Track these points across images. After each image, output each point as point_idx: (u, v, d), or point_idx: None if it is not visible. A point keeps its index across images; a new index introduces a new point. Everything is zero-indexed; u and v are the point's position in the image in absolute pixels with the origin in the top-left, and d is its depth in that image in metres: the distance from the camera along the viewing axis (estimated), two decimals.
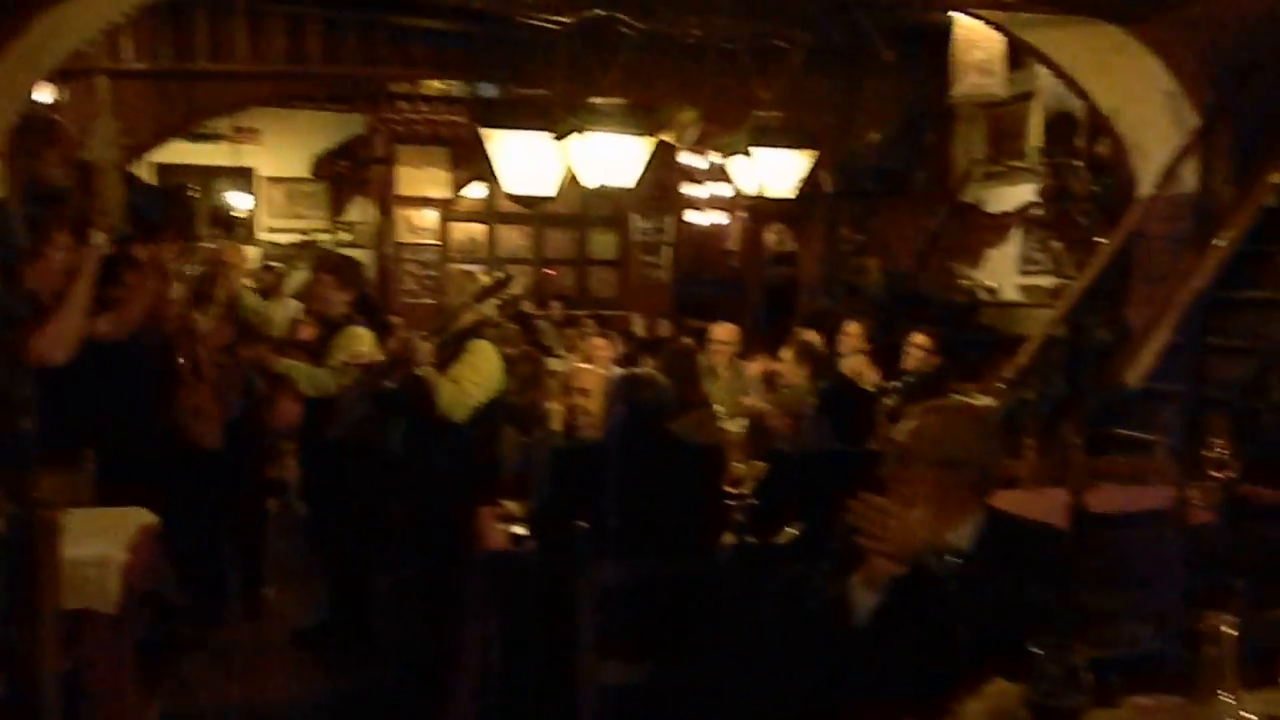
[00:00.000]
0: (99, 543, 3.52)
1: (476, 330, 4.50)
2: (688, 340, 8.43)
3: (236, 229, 11.58)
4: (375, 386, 4.51)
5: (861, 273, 9.20)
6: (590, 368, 4.56)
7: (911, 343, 5.83)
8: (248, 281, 7.52)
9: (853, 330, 6.29)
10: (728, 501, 3.49)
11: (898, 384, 5.48)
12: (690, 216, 12.54)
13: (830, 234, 9.59)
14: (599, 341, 7.11)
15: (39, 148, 7.90)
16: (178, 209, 8.90)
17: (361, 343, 4.75)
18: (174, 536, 4.14)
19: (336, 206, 12.55)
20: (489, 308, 4.62)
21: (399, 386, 4.40)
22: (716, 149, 10.15)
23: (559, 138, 5.80)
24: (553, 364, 7.39)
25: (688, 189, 12.32)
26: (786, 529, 3.51)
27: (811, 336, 6.49)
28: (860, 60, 8.23)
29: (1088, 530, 3.23)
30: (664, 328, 10.85)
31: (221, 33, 8.27)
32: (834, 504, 2.33)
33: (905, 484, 2.31)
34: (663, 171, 11.44)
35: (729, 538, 3.44)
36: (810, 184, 6.86)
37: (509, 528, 3.71)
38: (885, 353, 6.09)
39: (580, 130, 5.71)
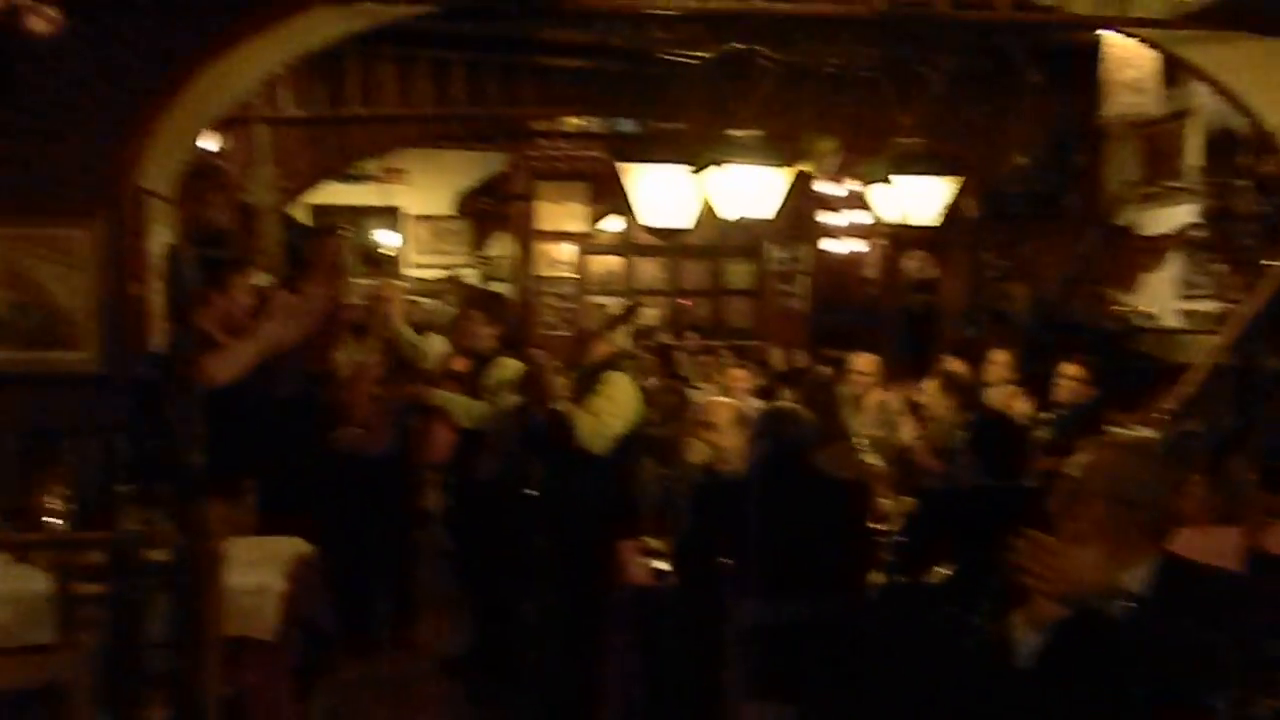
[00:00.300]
0: (258, 571, 3.66)
1: (612, 362, 4.52)
2: (826, 371, 8.32)
3: (385, 265, 11.99)
4: (518, 421, 4.58)
5: (1008, 300, 8.92)
6: (721, 400, 4.54)
7: (1062, 373, 5.62)
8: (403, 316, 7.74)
9: (1000, 359, 6.10)
10: (875, 538, 3.41)
11: (1050, 416, 5.27)
12: (827, 245, 12.40)
13: (975, 260, 9.34)
14: (737, 373, 7.07)
15: (206, 193, 8.37)
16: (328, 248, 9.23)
17: (511, 374, 4.85)
18: (329, 566, 4.28)
19: (479, 242, 12.88)
20: (622, 338, 4.65)
21: (539, 421, 4.46)
22: (856, 177, 10.02)
23: (696, 170, 5.82)
24: (689, 395, 7.40)
25: (825, 217, 12.19)
26: (937, 568, 3.40)
27: (956, 366, 6.32)
28: (1005, 83, 8.03)
29: (1266, 573, 3.04)
30: (801, 358, 10.73)
31: (372, 79, 8.59)
32: (988, 542, 2.23)
33: (1074, 521, 2.23)
34: (799, 200, 11.35)
35: (877, 576, 3.35)
36: (954, 210, 6.71)
37: (651, 563, 3.70)
38: (1034, 383, 5.88)
39: (718, 163, 5.73)
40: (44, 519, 3.84)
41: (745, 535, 3.08)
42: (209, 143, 8.03)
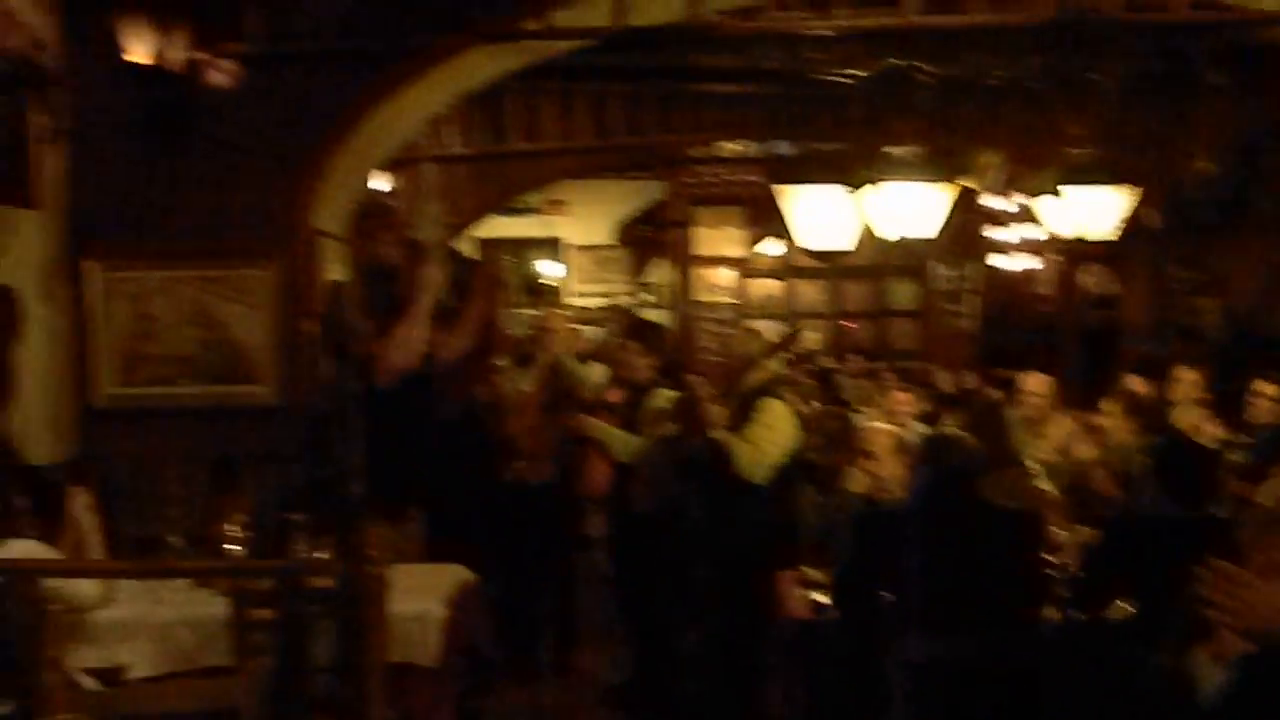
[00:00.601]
0: (421, 598, 3.75)
1: (768, 389, 4.45)
2: (996, 393, 7.99)
3: (548, 296, 12.22)
4: (675, 451, 4.57)
5: (1197, 314, 8.40)
6: (881, 427, 4.41)
7: (1257, 391, 5.23)
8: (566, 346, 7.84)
9: (1187, 378, 5.71)
10: (1048, 572, 3.22)
11: (1243, 439, 4.91)
12: (996, 261, 11.96)
13: (1158, 273, 8.85)
14: (901, 396, 6.85)
15: (377, 230, 8.75)
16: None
17: (666, 404, 4.84)
18: (492, 593, 4.35)
19: (639, 269, 13.00)
20: (778, 364, 4.58)
21: (696, 450, 4.43)
22: (1024, 191, 9.65)
23: (854, 190, 5.71)
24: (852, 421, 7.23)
25: (993, 233, 11.78)
26: (1117, 603, 3.19)
27: (1139, 386, 5.96)
28: (1183, 86, 7.60)
29: None
30: (969, 380, 10.36)
31: (533, 114, 8.82)
32: (1173, 575, 2.08)
33: (1267, 553, 2.10)
34: (965, 216, 11.01)
35: (1050, 612, 3.17)
36: (1133, 221, 6.36)
37: (810, 595, 3.61)
38: (1225, 403, 5.50)
39: (875, 181, 5.59)
40: (225, 546, 4.04)
41: (906, 568, 2.96)
42: (379, 182, 8.41)
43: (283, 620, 2.88)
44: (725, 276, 11.51)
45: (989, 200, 11.06)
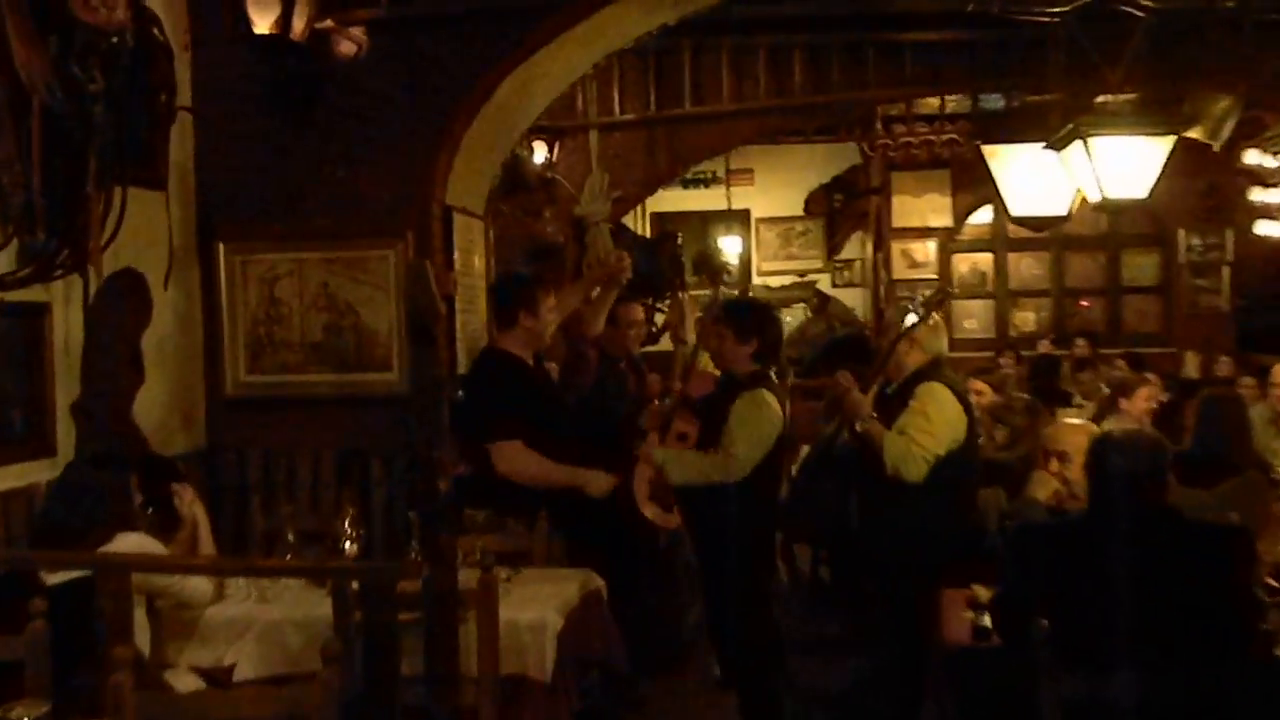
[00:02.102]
0: (537, 606, 3.73)
1: (928, 371, 4.21)
2: (1248, 381, 7.38)
3: (729, 275, 12.12)
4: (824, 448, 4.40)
5: None
6: (1077, 423, 4.09)
7: None
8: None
9: None
10: (1262, 599, 2.91)
11: None
12: (1262, 228, 11.07)
13: None
14: (1142, 390, 6.36)
15: (539, 206, 8.85)
16: (666, 260, 9.42)
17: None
18: (623, 603, 4.30)
19: (831, 244, 12.73)
20: (938, 340, 4.31)
21: (838, 445, 4.25)
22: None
23: (1053, 147, 5.38)
24: (1067, 416, 6.81)
25: (1257, 195, 10.89)
26: None
27: None
28: None
29: None
30: (1224, 366, 9.62)
31: (704, 74, 8.68)
32: None
33: None
34: (1219, 175, 10.24)
35: (1263, 650, 2.86)
36: None
37: (975, 617, 3.39)
38: None
39: (1084, 136, 5.24)
40: (343, 543, 4.13)
41: (1077, 591, 2.72)
42: (540, 154, 8.50)
43: (365, 625, 2.90)
44: (927, 250, 11.12)
45: (1252, 156, 10.23)
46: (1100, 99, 5.35)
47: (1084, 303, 11.64)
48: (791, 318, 12.13)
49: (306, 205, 5.01)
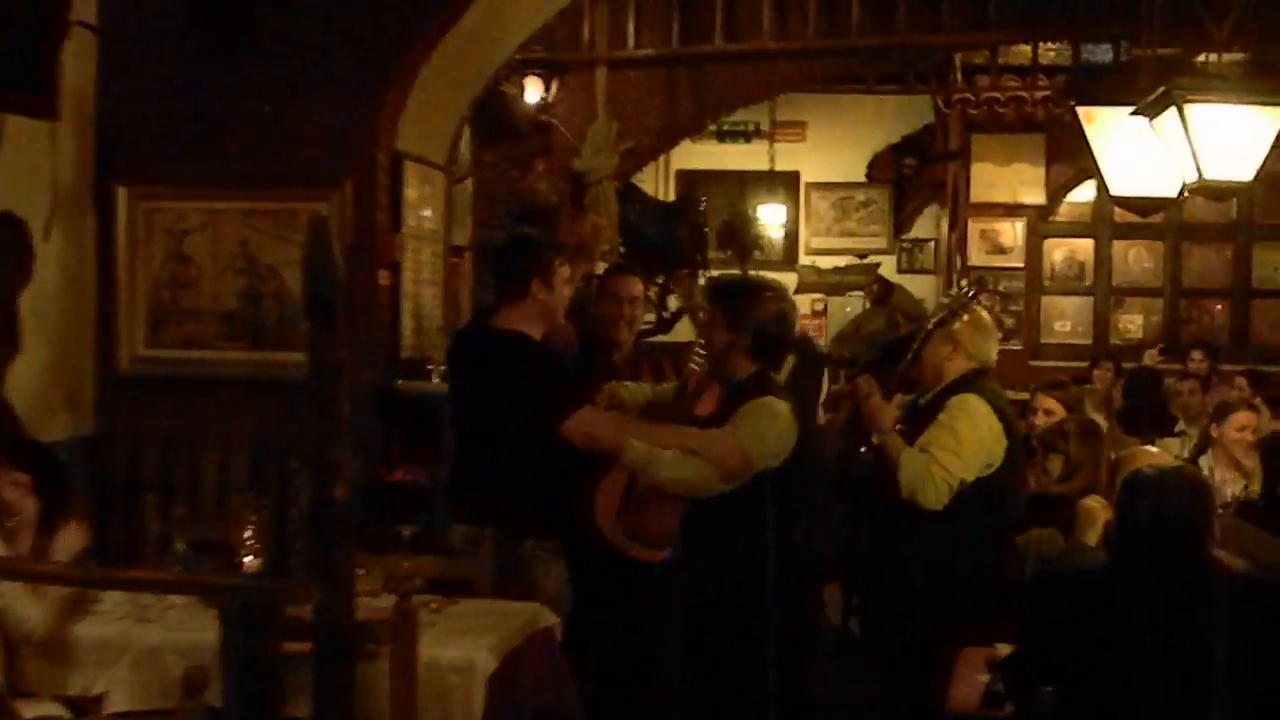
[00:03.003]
0: (467, 643, 3.79)
1: (967, 381, 4.25)
2: None
3: (760, 251, 12.15)
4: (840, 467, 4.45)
5: None
6: (1151, 451, 4.13)
7: None
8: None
9: None
10: None
11: None
12: None
13: None
14: (1241, 414, 6.34)
15: (530, 157, 8.92)
16: (686, 230, 9.49)
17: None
18: (580, 640, 4.36)
19: (898, 219, 12.74)
20: (983, 344, 4.34)
21: (858, 466, 4.30)
22: None
23: (1143, 113, 5.39)
24: (1168, 445, 6.78)
25: None
26: None
27: None
28: None
29: None
30: None
31: (740, 4, 8.72)
32: None
33: None
34: None
35: None
36: None
37: (992, 680, 3.45)
38: None
39: (1179, 102, 5.26)
40: (241, 556, 4.23)
41: (1087, 653, 2.78)
42: (533, 93, 8.55)
43: (238, 655, 2.98)
44: (1013, 232, 11.12)
45: None
46: (1201, 58, 5.35)
47: (1217, 305, 11.59)
48: (850, 308, 12.16)
49: (227, 145, 5.11)
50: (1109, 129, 6.92)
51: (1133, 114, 5.49)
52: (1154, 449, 4.62)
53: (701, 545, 4.20)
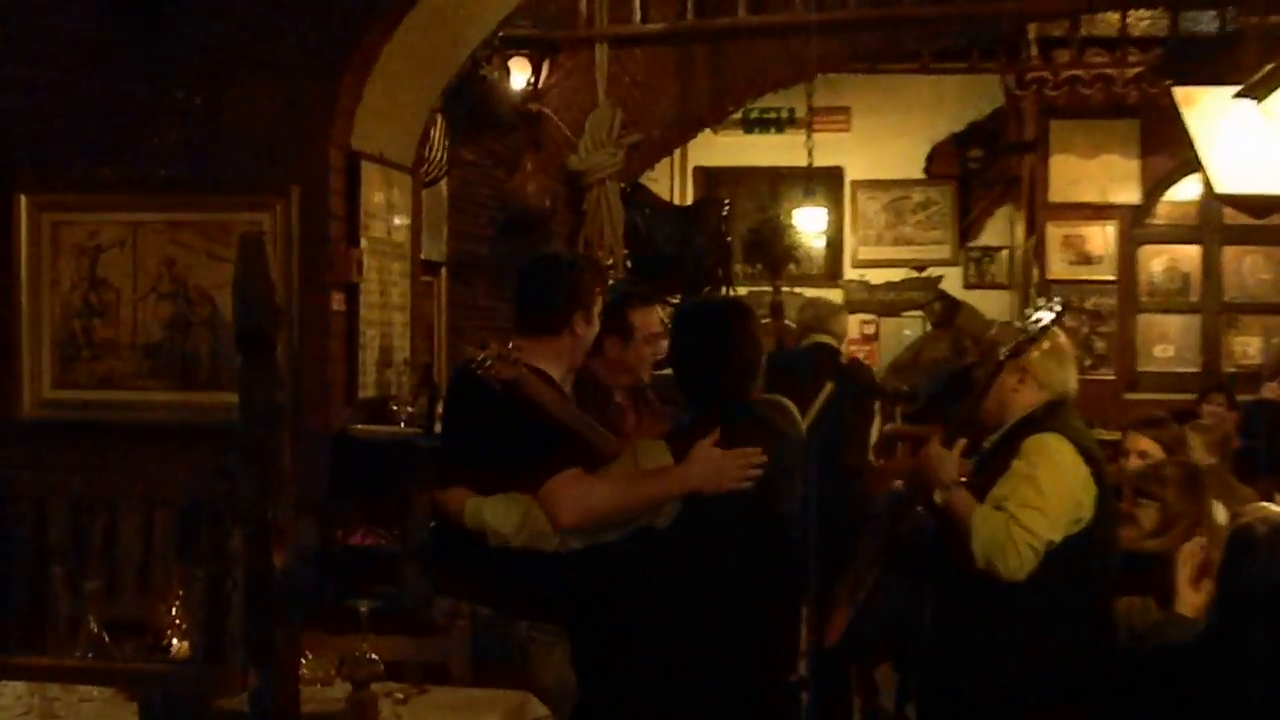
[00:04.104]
0: None
1: (1043, 417, 4.27)
2: None
3: (806, 265, 12.21)
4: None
5: None
6: (1270, 509, 4.12)
7: None
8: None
9: None
10: None
11: None
12: None
13: None
14: None
15: (517, 154, 8.97)
16: (706, 239, 9.53)
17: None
18: None
19: (964, 224, 12.79)
20: (1064, 373, 4.37)
21: (910, 523, 4.34)
22: None
23: (1250, 94, 5.47)
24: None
25: None
26: None
27: None
28: None
29: None
30: None
31: None
32: None
33: None
34: None
35: None
36: None
37: None
38: None
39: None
40: (168, 639, 4.27)
41: None
42: (517, 77, 8.61)
43: None
44: (1103, 238, 11.14)
45: None
46: None
47: None
48: (908, 331, 12.19)
49: (148, 146, 5.17)
50: (1212, 113, 6.99)
51: (1237, 95, 5.56)
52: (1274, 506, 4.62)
53: (728, 623, 4.26)
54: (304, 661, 3.72)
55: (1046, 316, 4.25)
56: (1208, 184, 8.29)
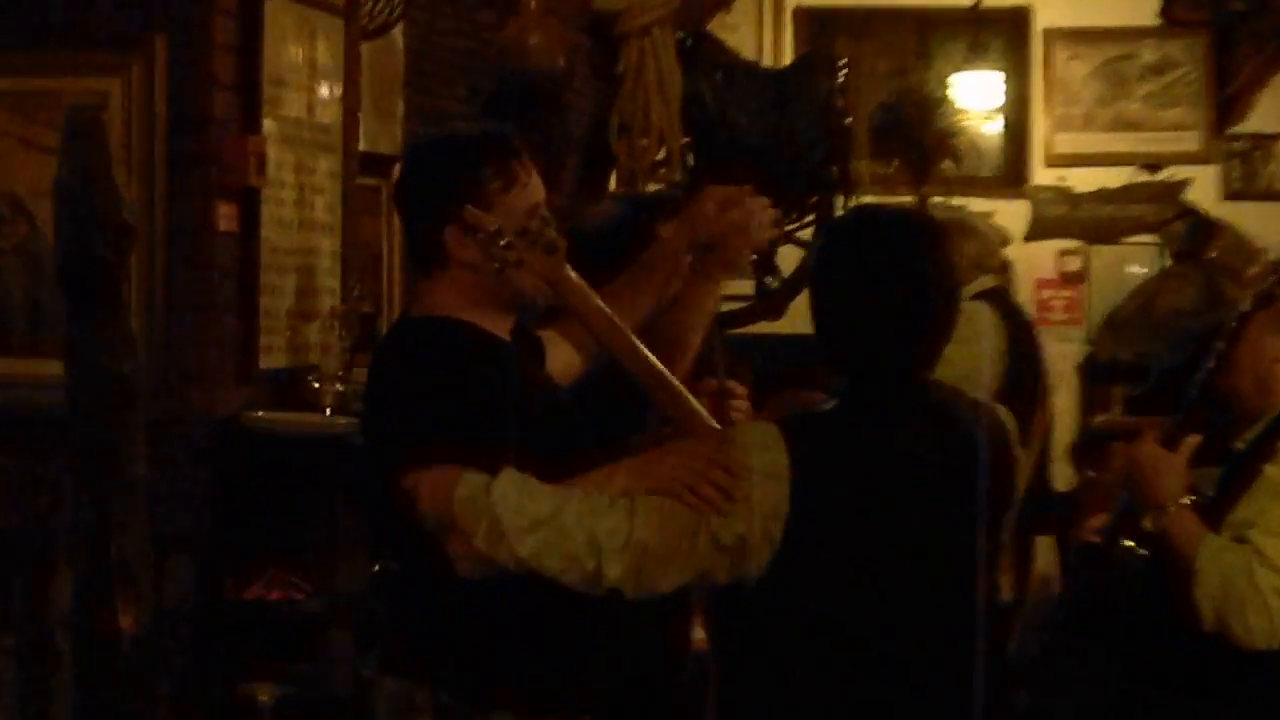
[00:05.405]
0: None
1: None
2: None
3: (971, 161, 12.23)
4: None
5: None
6: None
7: None
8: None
9: None
10: None
11: None
12: None
13: None
14: None
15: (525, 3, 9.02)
16: (813, 119, 9.55)
17: None
18: None
19: (1221, 98, 12.79)
20: None
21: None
22: None
23: None
24: None
25: None
26: None
27: None
28: None
29: None
30: None
31: None
32: None
33: None
34: None
35: None
36: None
37: None
38: None
39: None
40: None
41: None
42: None
43: None
44: None
45: None
46: None
47: None
48: (1135, 267, 12.23)
49: None
50: None
51: None
52: None
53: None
54: None
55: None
56: None
